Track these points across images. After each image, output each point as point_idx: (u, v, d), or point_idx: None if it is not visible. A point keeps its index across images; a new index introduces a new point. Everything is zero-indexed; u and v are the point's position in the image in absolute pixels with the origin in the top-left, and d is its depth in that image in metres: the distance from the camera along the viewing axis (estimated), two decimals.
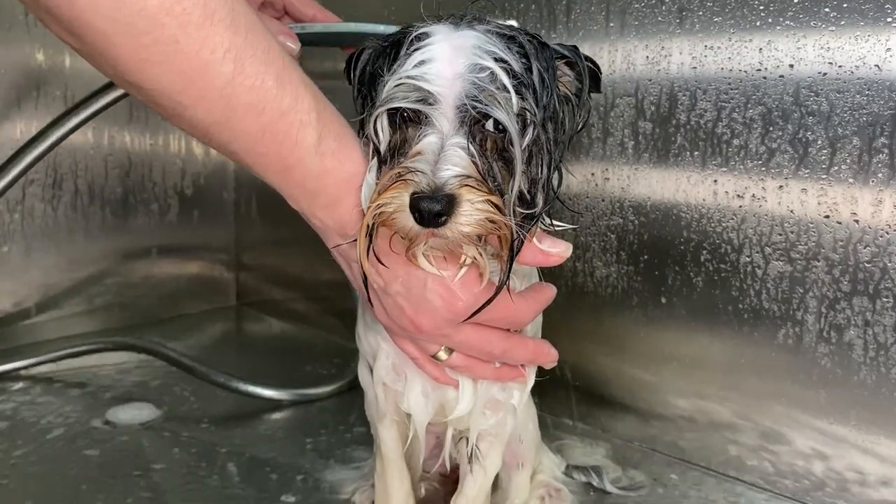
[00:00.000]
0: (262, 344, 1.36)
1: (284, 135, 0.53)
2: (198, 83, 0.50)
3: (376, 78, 0.57)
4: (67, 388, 1.11)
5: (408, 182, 0.52)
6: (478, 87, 0.53)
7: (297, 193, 0.56)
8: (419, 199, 0.51)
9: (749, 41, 0.82)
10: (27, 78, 1.23)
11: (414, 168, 0.52)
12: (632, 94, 0.91)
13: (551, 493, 0.83)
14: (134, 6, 0.47)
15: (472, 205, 0.52)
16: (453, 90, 0.53)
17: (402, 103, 0.54)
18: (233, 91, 0.51)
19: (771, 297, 0.82)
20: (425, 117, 0.54)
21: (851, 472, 0.79)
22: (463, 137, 0.53)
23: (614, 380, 0.98)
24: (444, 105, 0.53)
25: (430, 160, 0.52)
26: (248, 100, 0.51)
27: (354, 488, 0.85)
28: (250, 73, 0.51)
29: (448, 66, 0.53)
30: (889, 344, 0.75)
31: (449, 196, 0.51)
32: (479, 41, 0.54)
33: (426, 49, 0.54)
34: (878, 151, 0.74)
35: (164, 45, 0.48)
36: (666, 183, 0.89)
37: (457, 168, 0.52)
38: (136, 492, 0.84)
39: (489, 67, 0.53)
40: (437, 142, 0.53)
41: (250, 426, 1.02)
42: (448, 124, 0.53)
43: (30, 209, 1.26)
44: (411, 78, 0.53)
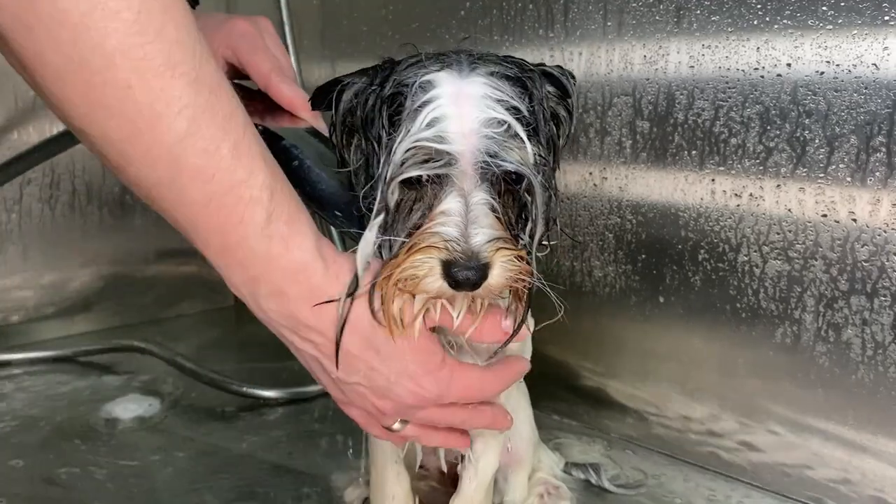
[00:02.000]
0: (260, 344, 1.35)
1: (231, 208, 0.49)
2: (146, 136, 0.46)
3: (371, 122, 0.55)
4: (65, 387, 1.11)
5: (439, 248, 0.51)
6: (496, 141, 0.52)
7: (237, 277, 0.52)
8: (456, 270, 0.51)
9: (746, 40, 0.82)
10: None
11: (444, 233, 0.52)
12: (629, 93, 0.91)
13: (550, 491, 0.82)
14: (90, 41, 0.44)
15: (503, 265, 0.52)
16: (471, 147, 0.52)
17: (420, 171, 0.52)
18: (182, 151, 0.47)
19: (769, 296, 0.82)
20: (444, 176, 0.53)
21: (849, 470, 0.79)
22: (486, 194, 0.53)
23: (612, 379, 0.98)
24: (462, 163, 0.52)
25: (458, 223, 0.52)
26: (198, 163, 0.47)
27: (347, 483, 0.85)
28: (205, 135, 0.47)
29: (462, 122, 0.52)
30: (887, 343, 0.75)
31: (485, 264, 0.51)
32: (488, 90, 0.53)
33: (436, 105, 0.52)
34: (876, 150, 0.74)
35: (117, 89, 0.45)
36: (664, 182, 0.89)
37: (487, 231, 0.52)
38: (133, 492, 0.83)
39: (505, 120, 0.52)
40: (460, 201, 0.52)
41: (248, 425, 1.01)
42: (468, 182, 0.52)
43: (27, 209, 1.26)
44: (427, 140, 0.52)
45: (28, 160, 1.05)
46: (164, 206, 0.50)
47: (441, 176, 0.53)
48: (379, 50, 0.66)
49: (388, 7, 1.17)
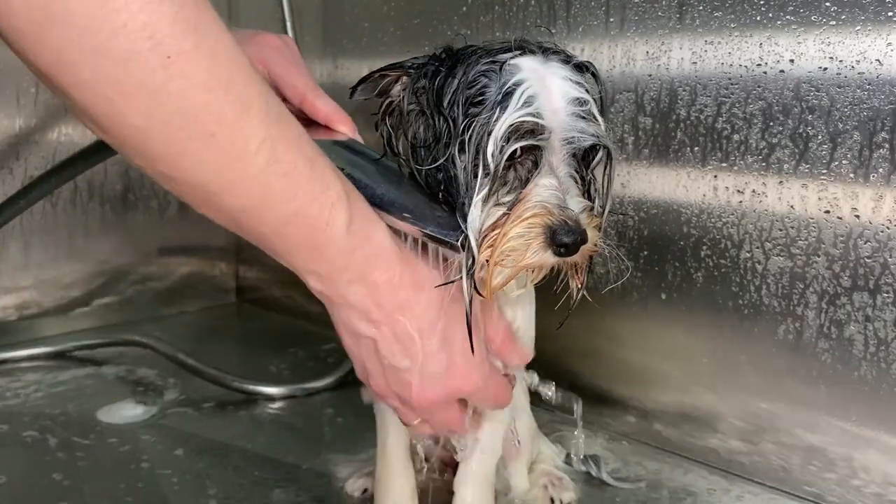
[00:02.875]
0: (261, 341, 1.36)
1: (316, 217, 0.54)
2: (230, 173, 0.51)
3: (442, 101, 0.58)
4: (65, 383, 1.11)
5: (542, 215, 0.55)
6: (581, 118, 0.57)
7: (324, 269, 0.57)
8: (561, 234, 0.55)
9: (749, 36, 0.81)
10: (26, 77, 1.23)
11: (545, 201, 0.55)
12: (632, 89, 0.91)
13: (553, 482, 0.83)
14: (171, 105, 0.47)
15: (593, 231, 0.58)
16: (561, 123, 0.56)
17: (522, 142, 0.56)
18: (266, 179, 0.51)
19: (771, 292, 0.82)
20: (536, 150, 0.57)
21: (852, 467, 0.79)
22: (571, 167, 0.58)
23: (614, 375, 0.98)
24: (553, 138, 0.56)
25: (556, 193, 0.56)
26: (281, 186, 0.52)
27: (348, 474, 0.86)
28: (283, 160, 0.52)
29: (552, 100, 0.56)
30: (889, 339, 0.75)
31: (584, 229, 0.56)
32: (568, 73, 0.57)
33: (528, 85, 0.56)
34: (879, 146, 0.74)
35: (201, 139, 0.49)
36: (666, 179, 0.89)
37: (581, 200, 0.57)
38: (133, 488, 0.84)
39: (586, 99, 0.57)
40: (552, 173, 0.56)
41: (251, 421, 1.02)
42: (556, 156, 0.57)
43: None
44: (526, 116, 0.55)
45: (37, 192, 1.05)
46: (250, 226, 0.54)
47: (531, 155, 0.57)
48: (381, 47, 0.67)
49: (390, 3, 1.16)
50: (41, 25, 0.43)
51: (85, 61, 0.45)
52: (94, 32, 0.44)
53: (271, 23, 1.25)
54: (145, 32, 0.45)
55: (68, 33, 0.44)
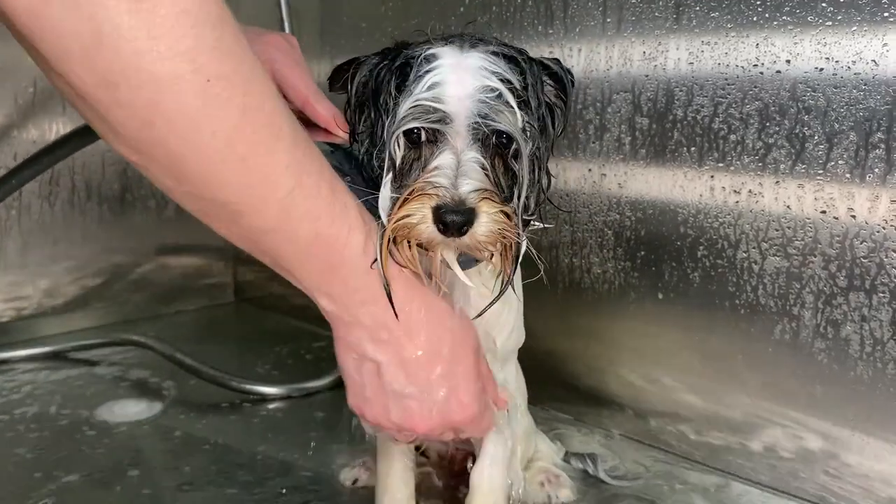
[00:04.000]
0: (259, 340, 1.36)
1: (335, 238, 0.56)
2: (258, 196, 0.53)
3: (379, 93, 0.61)
4: (64, 382, 1.12)
5: (430, 195, 0.57)
6: (488, 105, 0.58)
7: (337, 290, 0.58)
8: (444, 212, 0.56)
9: (746, 37, 0.81)
10: (24, 77, 1.23)
11: (435, 182, 0.57)
12: (628, 89, 0.91)
13: (550, 479, 0.84)
14: (209, 128, 0.49)
15: (489, 216, 0.57)
16: (465, 109, 0.58)
17: (418, 122, 0.58)
18: (291, 201, 0.53)
19: (767, 292, 0.82)
20: (440, 135, 0.59)
21: (847, 467, 0.79)
22: (477, 153, 0.58)
23: (611, 375, 0.98)
24: (457, 123, 0.58)
25: (449, 175, 0.57)
26: (305, 208, 0.54)
27: (343, 464, 0.87)
28: (307, 183, 0.54)
29: (459, 87, 0.58)
30: (885, 339, 0.75)
31: (470, 209, 0.56)
32: (485, 62, 0.59)
33: (437, 71, 0.58)
34: (875, 147, 0.74)
35: (234, 162, 0.51)
36: (663, 179, 0.89)
37: (475, 182, 0.57)
38: (133, 487, 0.84)
39: (496, 88, 0.58)
40: (453, 157, 0.58)
41: (248, 420, 1.02)
42: (462, 141, 0.58)
43: (27, 206, 1.26)
44: (427, 100, 0.58)
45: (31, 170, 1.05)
46: (270, 246, 0.56)
47: (438, 138, 0.59)
48: (378, 46, 0.67)
49: (387, 3, 1.17)
50: (90, 48, 0.45)
51: (128, 83, 0.46)
52: (140, 55, 0.45)
53: (269, 23, 1.25)
54: (188, 56, 0.47)
55: (116, 55, 0.45)
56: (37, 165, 1.03)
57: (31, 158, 1.04)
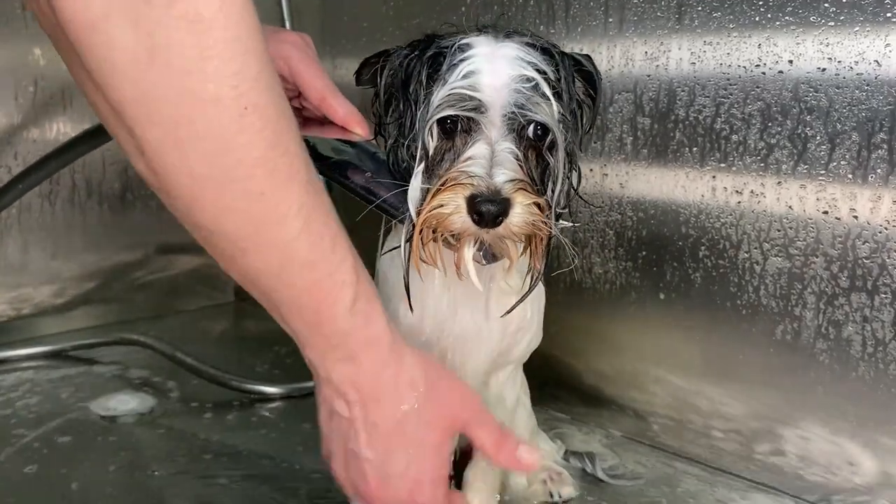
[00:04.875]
0: (259, 340, 1.35)
1: (328, 291, 0.56)
2: (267, 234, 0.53)
3: (408, 83, 0.61)
4: (64, 381, 1.11)
5: (465, 185, 0.56)
6: (524, 95, 0.57)
7: (318, 343, 0.58)
8: (479, 202, 0.55)
9: (748, 37, 0.81)
10: (25, 76, 1.23)
11: (470, 172, 0.56)
12: (630, 89, 0.91)
13: (553, 477, 0.84)
14: (235, 156, 0.49)
15: (524, 207, 0.57)
16: (501, 99, 0.57)
17: (453, 111, 0.57)
18: (296, 245, 0.54)
19: (769, 293, 0.82)
20: (474, 125, 0.58)
21: (849, 467, 0.79)
22: (511, 143, 0.58)
23: (612, 376, 0.98)
24: (492, 113, 0.57)
25: (483, 165, 0.56)
26: (307, 255, 0.54)
27: None
28: (313, 230, 0.54)
29: (494, 76, 0.57)
30: (887, 340, 0.75)
31: (506, 199, 0.56)
32: (520, 53, 0.58)
33: (472, 60, 0.57)
34: (877, 147, 0.74)
35: (250, 195, 0.51)
36: (664, 179, 0.89)
37: (510, 172, 0.56)
38: (131, 487, 0.83)
39: (533, 77, 0.57)
40: (487, 147, 0.57)
41: (248, 420, 1.01)
42: (496, 131, 0.57)
43: (27, 204, 1.26)
44: (462, 88, 0.57)
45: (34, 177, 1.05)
46: (265, 289, 0.56)
47: (471, 128, 0.58)
48: (379, 46, 0.67)
49: (389, 3, 1.17)
50: (140, 63, 0.46)
51: (169, 100, 0.47)
52: (188, 73, 0.46)
53: (270, 23, 1.25)
54: (232, 81, 0.47)
55: (164, 72, 0.46)
56: (43, 170, 1.03)
57: (37, 164, 1.03)
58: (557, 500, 0.83)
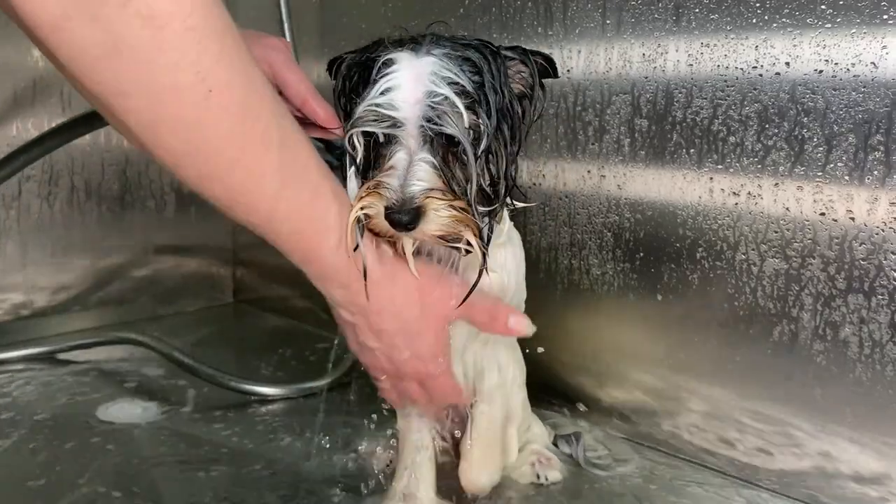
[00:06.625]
0: (259, 341, 1.36)
1: (311, 237, 0.62)
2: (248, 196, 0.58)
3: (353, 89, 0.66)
4: (63, 381, 1.11)
5: (381, 195, 0.62)
6: (435, 110, 0.61)
7: (314, 272, 0.66)
8: (391, 213, 0.61)
9: (745, 39, 0.82)
10: (24, 75, 1.23)
11: (386, 183, 0.62)
12: (628, 91, 0.91)
13: (541, 461, 0.88)
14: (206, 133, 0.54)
15: (437, 212, 0.61)
16: (414, 114, 0.62)
17: (373, 127, 0.63)
18: (277, 203, 0.59)
19: (766, 294, 0.82)
20: (394, 137, 0.63)
21: (846, 469, 0.79)
22: (427, 153, 0.62)
23: (610, 376, 0.98)
24: (408, 126, 0.62)
25: (399, 175, 0.62)
26: (287, 208, 0.60)
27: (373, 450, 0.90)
28: (292, 185, 0.59)
29: (409, 92, 0.62)
30: (884, 341, 0.75)
31: (415, 209, 0.61)
32: (436, 67, 0.62)
33: (390, 77, 0.62)
34: (874, 149, 0.74)
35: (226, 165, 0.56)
36: (662, 180, 0.89)
37: (422, 183, 0.61)
38: (131, 488, 0.84)
39: (441, 93, 0.62)
40: (405, 157, 0.62)
41: (248, 421, 1.02)
42: (414, 142, 0.62)
43: (26, 206, 1.26)
44: (379, 105, 0.62)
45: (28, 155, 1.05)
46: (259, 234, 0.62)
47: (393, 139, 0.63)
48: None
49: (388, 5, 1.17)
50: (104, 59, 0.49)
51: (137, 91, 0.51)
52: (150, 66, 0.50)
53: (269, 24, 1.25)
54: (194, 68, 0.51)
55: (128, 67, 0.49)
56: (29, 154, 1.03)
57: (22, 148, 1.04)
58: (544, 482, 0.86)
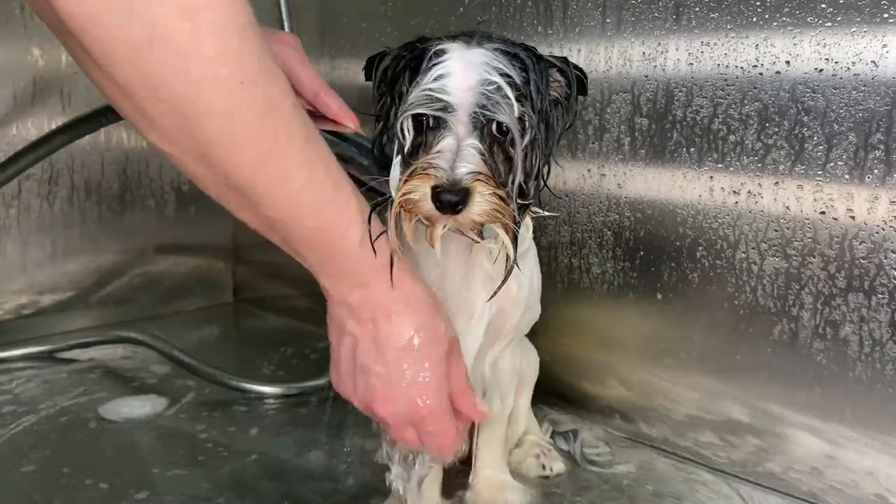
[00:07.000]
0: (259, 339, 1.36)
1: (336, 230, 0.62)
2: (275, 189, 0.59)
3: (396, 81, 0.67)
4: (63, 381, 1.12)
5: (430, 176, 0.62)
6: (487, 97, 0.63)
7: (333, 272, 0.65)
8: (440, 192, 0.61)
9: (745, 38, 0.82)
10: (24, 75, 1.23)
11: (435, 164, 0.62)
12: (628, 90, 0.91)
13: (545, 452, 0.89)
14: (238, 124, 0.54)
15: (483, 196, 0.62)
16: (467, 100, 0.63)
17: (424, 109, 0.64)
18: (303, 196, 0.60)
19: (767, 293, 0.82)
20: (444, 122, 0.64)
21: (846, 467, 0.79)
22: (475, 139, 0.63)
23: (610, 375, 0.98)
24: (459, 112, 0.63)
25: (448, 158, 0.62)
26: (313, 202, 0.60)
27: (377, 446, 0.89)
28: (316, 179, 0.60)
29: (462, 79, 0.63)
30: (884, 340, 0.75)
31: (465, 189, 0.61)
32: (487, 58, 0.64)
33: (444, 64, 0.64)
34: (874, 148, 0.74)
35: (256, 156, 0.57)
36: (662, 179, 0.89)
37: (471, 165, 0.62)
38: (131, 487, 0.84)
39: (496, 81, 0.63)
40: (453, 142, 0.63)
41: (246, 420, 1.02)
42: (463, 128, 0.63)
43: (26, 205, 1.26)
44: (432, 90, 0.63)
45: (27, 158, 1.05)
46: (281, 233, 0.62)
47: (442, 125, 0.64)
48: (378, 47, 0.68)
49: (388, 3, 1.17)
50: (141, 50, 0.49)
51: (171, 82, 0.51)
52: (186, 57, 0.50)
53: (269, 24, 1.25)
54: (229, 59, 0.52)
55: (164, 57, 0.50)
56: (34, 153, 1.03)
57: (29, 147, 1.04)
58: (549, 473, 0.88)
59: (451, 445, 0.70)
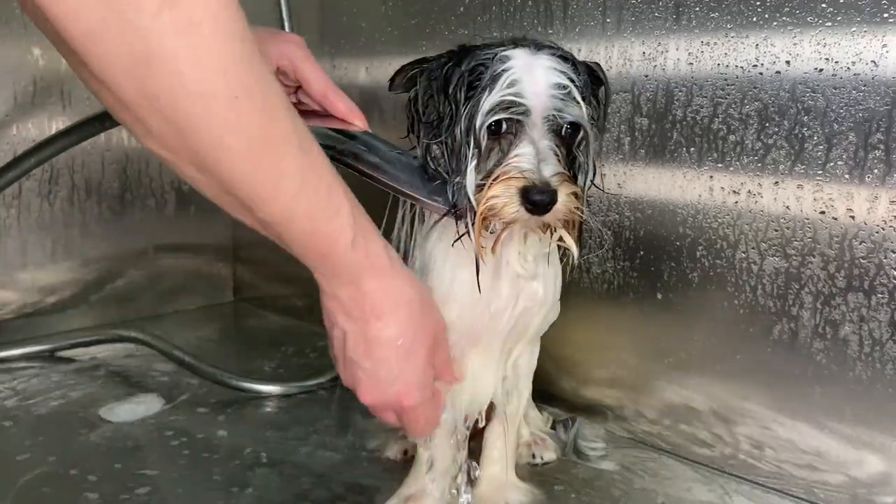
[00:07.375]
0: (260, 339, 1.36)
1: (328, 234, 0.63)
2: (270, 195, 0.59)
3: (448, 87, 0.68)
4: (63, 380, 1.11)
5: (517, 178, 0.64)
6: (560, 100, 0.66)
7: (326, 270, 0.66)
8: (532, 193, 0.63)
9: (745, 37, 0.82)
10: (24, 75, 1.23)
11: (521, 167, 0.64)
12: (628, 90, 0.91)
13: (537, 442, 0.92)
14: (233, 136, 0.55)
15: (567, 196, 0.65)
16: (541, 104, 0.65)
17: (505, 115, 0.66)
18: (297, 202, 0.60)
19: (766, 293, 0.83)
20: (518, 127, 0.66)
21: (845, 467, 0.79)
22: (551, 142, 0.66)
23: (610, 375, 0.98)
24: (534, 116, 0.65)
25: (532, 160, 0.64)
26: (307, 207, 0.61)
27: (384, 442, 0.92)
28: (310, 185, 0.61)
29: (534, 84, 0.66)
30: (884, 340, 0.75)
31: (553, 190, 0.64)
32: (553, 63, 0.66)
33: (513, 70, 0.66)
34: (874, 147, 0.74)
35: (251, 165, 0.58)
36: (662, 179, 0.89)
37: (554, 166, 0.65)
38: (131, 487, 0.84)
39: (567, 85, 0.66)
40: (531, 146, 0.65)
41: (249, 419, 1.02)
42: (537, 132, 0.66)
43: (26, 204, 1.26)
44: (509, 95, 0.65)
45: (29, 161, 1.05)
46: (275, 234, 0.63)
47: (514, 130, 0.66)
48: (378, 47, 0.68)
49: (388, 3, 1.17)
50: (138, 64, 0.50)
51: (168, 96, 0.52)
52: (182, 73, 0.51)
53: (269, 24, 1.25)
54: (225, 75, 0.52)
55: (160, 72, 0.50)
56: (36, 157, 1.03)
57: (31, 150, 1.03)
58: (539, 461, 0.90)
59: (429, 428, 0.73)
